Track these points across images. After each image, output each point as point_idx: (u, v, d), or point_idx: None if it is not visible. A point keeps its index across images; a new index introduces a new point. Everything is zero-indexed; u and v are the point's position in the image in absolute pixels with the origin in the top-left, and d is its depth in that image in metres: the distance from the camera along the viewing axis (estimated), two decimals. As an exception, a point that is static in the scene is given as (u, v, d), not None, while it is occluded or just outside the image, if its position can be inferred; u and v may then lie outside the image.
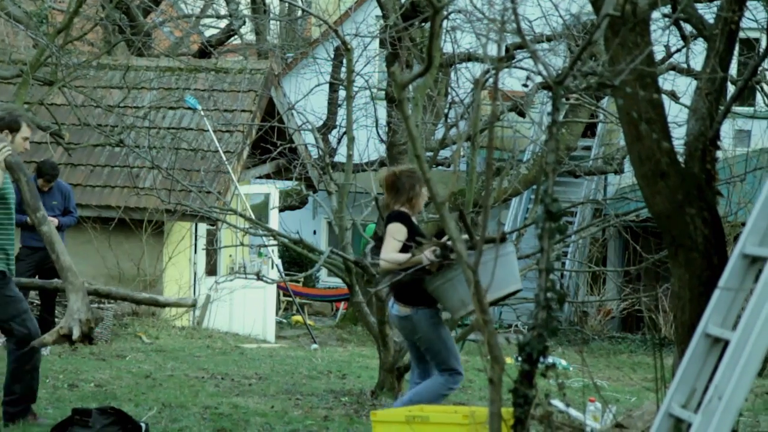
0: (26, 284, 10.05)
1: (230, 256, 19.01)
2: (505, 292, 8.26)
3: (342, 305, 22.95)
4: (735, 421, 4.89)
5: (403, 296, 8.28)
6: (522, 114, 15.00)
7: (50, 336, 7.65)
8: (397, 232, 8.31)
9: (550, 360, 6.30)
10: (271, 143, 14.99)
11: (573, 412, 8.21)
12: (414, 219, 8.56)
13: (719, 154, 7.85)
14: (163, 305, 10.06)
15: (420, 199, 8.57)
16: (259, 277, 11.89)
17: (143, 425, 8.30)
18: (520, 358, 6.25)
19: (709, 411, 4.86)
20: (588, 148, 22.30)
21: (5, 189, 8.43)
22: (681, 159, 6.57)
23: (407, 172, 8.59)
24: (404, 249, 8.19)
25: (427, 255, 7.99)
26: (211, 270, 18.72)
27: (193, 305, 9.52)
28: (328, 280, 25.52)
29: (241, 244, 14.34)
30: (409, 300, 8.25)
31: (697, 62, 11.23)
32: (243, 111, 18.29)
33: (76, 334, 7.49)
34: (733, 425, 4.93)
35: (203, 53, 22.35)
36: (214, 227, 18.18)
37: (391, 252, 8.20)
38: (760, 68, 13.09)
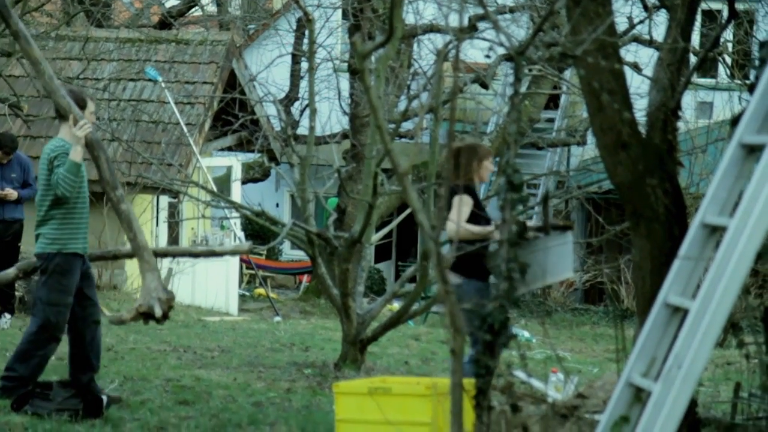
0: (97, 256, 9.99)
1: (192, 228, 18.93)
2: (558, 279, 8.45)
3: (305, 278, 22.92)
4: (694, 389, 4.91)
5: (456, 266, 8.36)
6: (485, 86, 14.99)
7: (128, 313, 7.68)
8: (464, 204, 8.55)
9: (512, 331, 6.32)
10: (232, 115, 14.92)
11: (535, 382, 8.24)
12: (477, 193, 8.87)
13: (681, 125, 7.88)
14: (221, 254, 10.21)
15: (478, 173, 8.80)
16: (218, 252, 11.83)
17: (104, 398, 8.26)
18: (482, 330, 6.26)
19: (669, 379, 4.88)
20: (551, 120, 22.31)
21: (83, 168, 8.40)
22: (643, 130, 6.57)
23: (467, 148, 8.81)
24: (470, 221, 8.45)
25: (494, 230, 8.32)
26: (173, 243, 18.64)
27: (250, 250, 9.61)
28: (291, 253, 25.48)
29: (203, 216, 14.27)
30: (461, 270, 8.35)
31: (660, 33, 11.25)
32: (204, 83, 18.18)
33: (158, 312, 7.58)
34: (693, 393, 4.95)
35: (164, 24, 22.18)
36: (176, 200, 18.10)
37: (463, 222, 8.43)
38: (721, 39, 13.12)
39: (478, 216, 8.60)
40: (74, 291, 8.37)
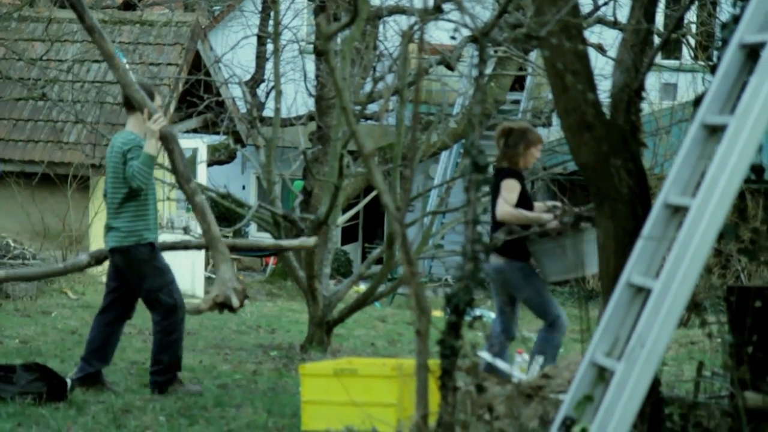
0: (173, 244, 10.09)
1: (158, 210, 18.85)
2: (591, 272, 8.54)
3: (272, 260, 22.90)
4: (657, 368, 4.94)
5: (498, 248, 8.43)
6: (450, 67, 14.99)
7: (205, 303, 7.87)
8: (512, 188, 8.64)
9: (477, 311, 6.34)
10: (198, 97, 14.87)
11: (500, 363, 8.26)
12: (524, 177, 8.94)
13: (645, 106, 7.91)
14: (287, 249, 10.33)
15: (523, 158, 8.82)
16: (186, 231, 11.82)
17: (68, 381, 8.23)
18: (447, 310, 6.28)
19: (632, 359, 4.91)
20: (517, 102, 22.34)
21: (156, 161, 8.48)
22: (607, 111, 6.60)
23: (518, 131, 8.82)
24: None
25: (546, 216, 8.45)
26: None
27: (316, 245, 9.71)
28: (257, 235, 25.43)
29: (168, 198, 14.22)
30: (503, 252, 8.41)
31: (624, 15, 11.27)
32: (169, 64, 18.09)
33: (236, 302, 7.77)
34: (656, 372, 4.99)
35: (128, 5, 22.03)
36: (141, 182, 17.99)
37: (510, 206, 8.52)
38: (685, 21, 13.17)
39: (525, 201, 8.68)
40: (168, 266, 8.55)
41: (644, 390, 4.93)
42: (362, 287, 14.24)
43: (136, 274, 8.47)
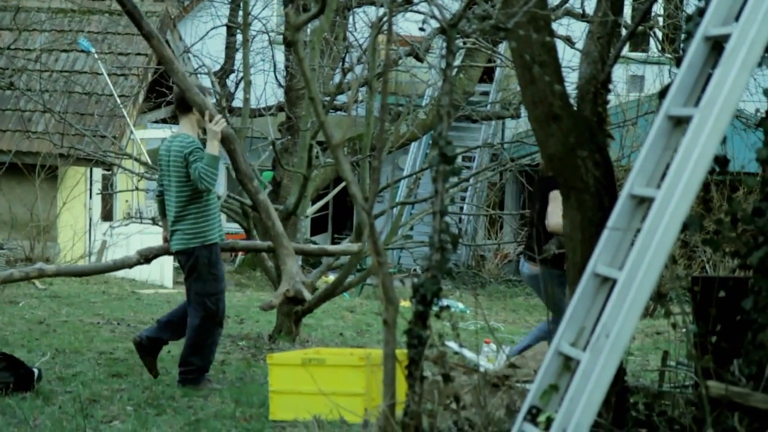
0: (246, 246, 10.21)
1: (126, 201, 18.81)
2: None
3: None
4: (621, 357, 4.98)
5: (531, 257, 8.47)
6: (419, 59, 15.01)
7: (276, 299, 8.05)
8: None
9: (444, 302, 6.37)
10: (167, 87, 14.82)
11: (467, 353, 8.31)
12: None
13: (612, 98, 7.95)
14: (332, 254, 10.55)
15: None
16: (155, 221, 11.80)
17: (36, 371, 8.22)
18: (414, 300, 6.31)
19: (597, 348, 4.95)
20: (486, 93, 22.40)
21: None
22: (574, 102, 6.63)
23: None
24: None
25: None
26: (107, 215, 18.52)
27: (360, 251, 9.82)
28: (226, 226, 25.35)
29: (137, 189, 14.19)
30: (542, 260, 8.46)
31: (593, 7, 11.31)
32: (138, 54, 18.04)
33: (307, 296, 8.00)
34: (621, 362, 5.04)
35: (97, -5, 21.93)
36: (110, 172, 17.96)
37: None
38: (652, 14, 13.24)
39: None
40: (224, 275, 8.73)
41: (609, 379, 4.97)
42: (331, 277, 14.25)
43: (195, 274, 8.58)
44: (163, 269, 18.74)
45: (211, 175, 8.33)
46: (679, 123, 5.17)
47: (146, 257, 9.05)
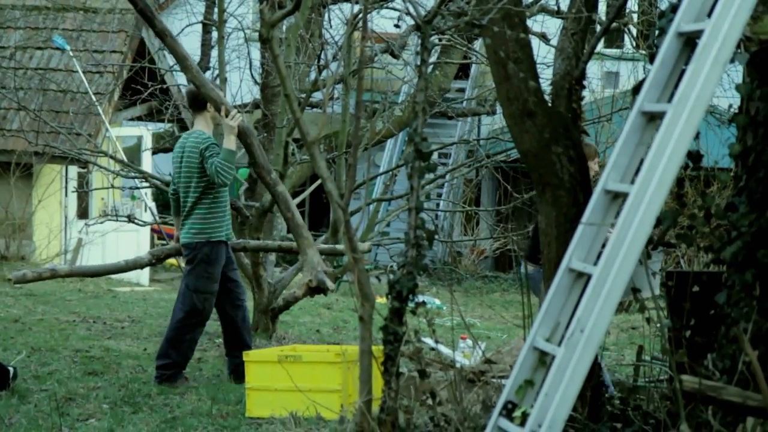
0: (257, 246, 10.23)
1: (102, 199, 18.76)
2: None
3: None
4: (596, 352, 5.01)
5: (531, 256, 8.47)
6: (395, 55, 15.01)
7: (300, 289, 8.12)
8: None
9: (420, 298, 6.38)
10: (142, 85, 14.78)
11: (443, 349, 8.32)
12: None
13: (587, 94, 7.97)
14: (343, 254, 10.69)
15: None
16: (130, 219, 11.78)
17: (11, 369, 8.19)
18: (390, 296, 6.32)
19: (572, 343, 4.97)
20: (462, 90, 22.41)
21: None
22: (548, 98, 6.66)
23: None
24: None
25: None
26: (83, 213, 18.46)
27: (369, 250, 9.84)
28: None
29: (113, 186, 14.15)
30: (534, 260, 8.47)
31: (567, 3, 11.34)
32: (113, 52, 17.98)
33: (331, 285, 7.98)
34: (595, 357, 5.06)
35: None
36: (85, 170, 17.91)
37: None
38: (627, 10, 13.27)
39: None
40: (219, 278, 8.64)
41: (583, 374, 4.99)
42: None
43: (190, 267, 8.61)
44: (139, 267, 18.67)
45: (228, 169, 8.40)
46: (653, 119, 5.20)
47: (158, 257, 9.12)
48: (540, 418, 4.99)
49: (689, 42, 5.17)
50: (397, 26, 8.91)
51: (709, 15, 5.09)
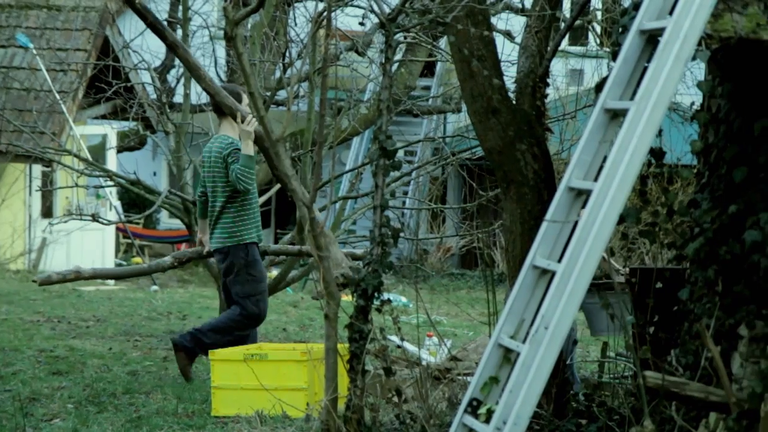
0: (278, 251, 10.22)
1: (67, 197, 18.66)
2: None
3: (183, 246, 22.76)
4: (560, 348, 5.02)
5: None
6: (360, 53, 15.00)
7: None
8: None
9: (386, 296, 6.40)
10: (106, 83, 14.71)
11: (409, 346, 8.34)
12: None
13: (552, 92, 8.00)
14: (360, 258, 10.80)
15: None
16: (95, 218, 11.73)
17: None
18: (356, 294, 6.32)
19: (536, 340, 4.99)
20: (427, 88, 22.43)
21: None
22: (513, 96, 6.68)
23: None
24: None
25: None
26: (47, 212, 18.36)
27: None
28: (169, 222, 25.26)
29: (77, 185, 14.07)
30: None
31: (531, 1, 11.36)
32: (77, 50, 17.90)
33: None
34: (559, 353, 5.07)
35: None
36: (49, 169, 17.80)
37: None
38: (591, 8, 13.31)
39: None
40: (265, 275, 8.72)
41: (548, 371, 5.01)
42: (274, 273, 14.22)
43: (232, 276, 8.64)
44: (105, 266, 18.60)
45: (248, 175, 8.48)
46: (616, 116, 5.22)
47: (180, 260, 9.13)
48: (505, 415, 5.01)
49: (651, 39, 5.20)
50: (362, 24, 8.90)
51: (671, 13, 5.12)
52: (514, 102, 6.58)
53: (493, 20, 11.79)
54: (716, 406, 5.30)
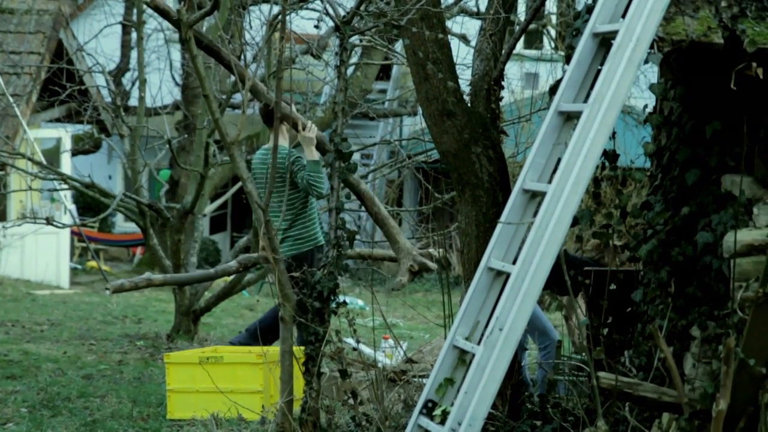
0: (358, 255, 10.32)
1: (21, 201, 18.52)
2: None
3: (138, 250, 22.67)
4: (514, 350, 5.05)
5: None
6: (316, 56, 15.01)
7: (404, 276, 8.18)
8: None
9: (341, 298, 6.41)
10: (60, 86, 14.63)
11: (365, 349, 8.34)
12: None
13: (507, 95, 8.02)
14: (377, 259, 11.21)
15: None
16: (49, 221, 11.66)
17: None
18: (312, 297, 6.33)
19: (491, 342, 5.02)
20: (383, 91, 22.45)
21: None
22: (468, 99, 6.70)
23: None
24: None
25: None
26: (1, 216, 18.21)
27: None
28: (124, 226, 25.13)
29: (31, 188, 13.97)
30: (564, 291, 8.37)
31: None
32: (31, 53, 17.76)
33: (431, 265, 8.18)
34: (514, 355, 5.10)
35: (-12, -7, 21.54)
36: (3, 172, 17.66)
37: None
38: (546, 12, 13.38)
39: None
40: None
41: (502, 372, 5.04)
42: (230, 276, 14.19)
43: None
44: (60, 269, 18.50)
45: (319, 180, 8.49)
46: (570, 118, 5.26)
47: (245, 266, 9.15)
48: (460, 416, 5.04)
49: (604, 42, 5.24)
50: (317, 27, 8.86)
51: (624, 16, 5.17)
52: (469, 105, 6.60)
53: (448, 23, 11.82)
54: (669, 407, 5.35)
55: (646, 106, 6.16)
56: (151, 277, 9.17)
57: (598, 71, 5.22)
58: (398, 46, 14.87)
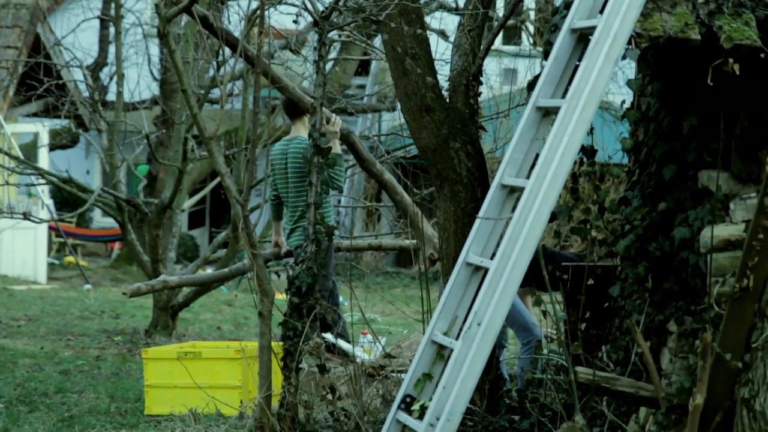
0: (369, 246, 10.35)
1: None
2: None
3: (116, 245, 22.61)
4: (492, 345, 5.06)
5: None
6: (295, 51, 14.99)
7: (423, 264, 8.21)
8: None
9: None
10: (38, 80, 14.58)
11: (343, 344, 8.34)
12: None
13: (486, 91, 8.04)
14: (386, 249, 11.18)
15: None
16: (26, 216, 11.62)
17: None
18: (289, 292, 6.33)
19: (469, 337, 5.03)
20: (362, 86, 22.45)
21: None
22: (446, 94, 6.71)
23: None
24: None
25: None
26: (-23, 210, 18.12)
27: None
28: (102, 221, 25.05)
29: (8, 183, 13.92)
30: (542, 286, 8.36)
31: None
32: (8, 47, 17.69)
33: None
34: (492, 349, 5.11)
35: (-35, -13, 21.43)
36: (-20, 167, 17.59)
37: None
38: (524, 7, 13.40)
39: None
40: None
41: (480, 367, 5.05)
42: (208, 271, 14.17)
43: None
44: (37, 264, 18.44)
45: (340, 173, 8.65)
46: (548, 114, 5.27)
47: (266, 261, 9.15)
48: (438, 411, 5.05)
49: (582, 38, 5.25)
50: (295, 22, 8.86)
51: (602, 12, 5.18)
52: (447, 100, 6.61)
53: (427, 19, 11.83)
54: (646, 401, 5.37)
55: (623, 102, 6.18)
56: (167, 278, 9.23)
57: (576, 67, 5.24)
58: (377, 41, 14.87)
